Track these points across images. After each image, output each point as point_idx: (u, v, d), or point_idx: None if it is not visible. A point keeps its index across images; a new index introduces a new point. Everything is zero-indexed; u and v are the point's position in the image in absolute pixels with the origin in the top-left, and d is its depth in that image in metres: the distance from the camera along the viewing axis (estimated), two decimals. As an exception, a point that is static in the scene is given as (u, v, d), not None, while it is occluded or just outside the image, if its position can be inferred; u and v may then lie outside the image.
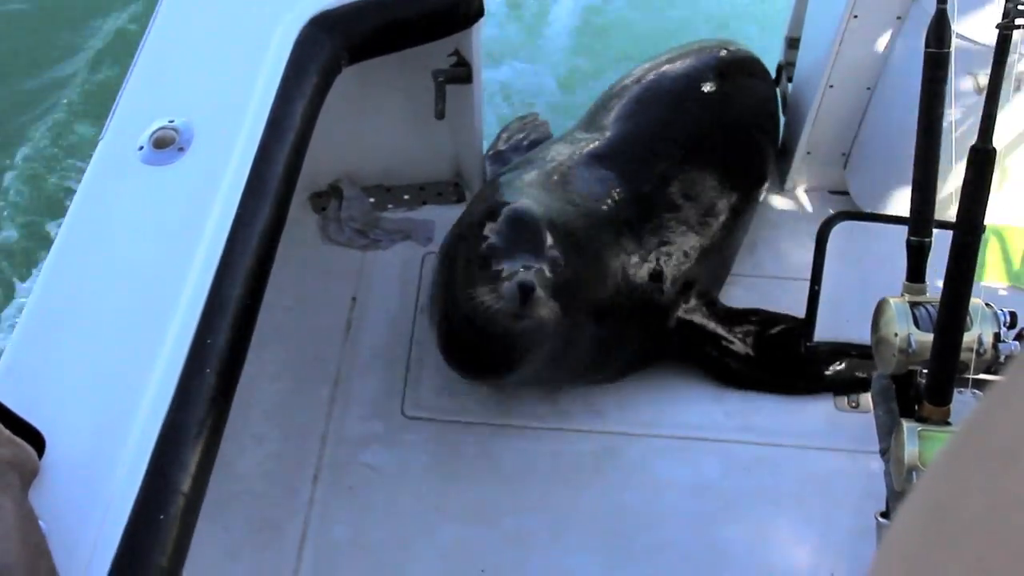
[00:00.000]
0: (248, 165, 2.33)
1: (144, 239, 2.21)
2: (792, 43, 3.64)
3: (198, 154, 2.35)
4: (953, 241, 1.98)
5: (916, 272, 2.23)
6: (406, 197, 3.49)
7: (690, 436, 2.91)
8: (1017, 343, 2.02)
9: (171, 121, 2.40)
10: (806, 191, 3.56)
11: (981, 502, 0.48)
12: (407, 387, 3.00)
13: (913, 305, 2.12)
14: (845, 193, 3.50)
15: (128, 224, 2.25)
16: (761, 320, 3.07)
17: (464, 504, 2.79)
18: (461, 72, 3.09)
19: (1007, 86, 2.08)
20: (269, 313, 3.06)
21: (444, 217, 3.42)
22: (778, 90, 3.66)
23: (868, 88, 3.24)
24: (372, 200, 3.46)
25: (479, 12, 2.93)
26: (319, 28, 2.67)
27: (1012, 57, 2.02)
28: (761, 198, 3.33)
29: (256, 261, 2.22)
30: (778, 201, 3.53)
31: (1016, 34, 2.00)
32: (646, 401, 2.98)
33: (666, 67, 3.32)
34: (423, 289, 3.23)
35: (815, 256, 2.74)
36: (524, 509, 2.77)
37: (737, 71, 3.36)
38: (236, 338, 2.08)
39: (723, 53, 3.38)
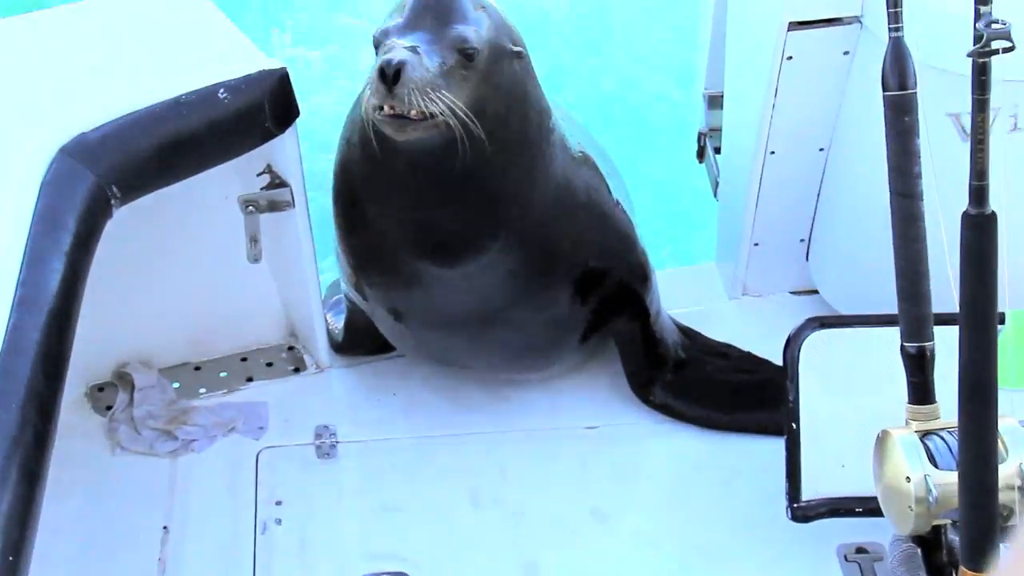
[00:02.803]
0: (-11, 362, 2.28)
1: None
2: (713, 102, 3.73)
3: None
4: (961, 342, 2.00)
5: (920, 389, 2.25)
6: (223, 375, 3.48)
7: None
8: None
9: None
10: (761, 296, 3.62)
11: None
12: None
13: (924, 435, 2.13)
14: (813, 292, 3.57)
15: None
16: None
17: None
18: (278, 196, 3.11)
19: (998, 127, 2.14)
20: (47, 568, 2.96)
21: (280, 395, 3.38)
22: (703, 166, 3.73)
23: (821, 149, 3.32)
24: (176, 386, 3.43)
25: (292, 113, 2.94)
26: (75, 159, 2.68)
27: (995, 89, 2.08)
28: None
29: (16, 501, 2.14)
30: (727, 313, 3.58)
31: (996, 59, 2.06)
32: None
33: None
34: (262, 497, 3.16)
35: (788, 383, 2.76)
36: None
37: None
38: None
39: None
